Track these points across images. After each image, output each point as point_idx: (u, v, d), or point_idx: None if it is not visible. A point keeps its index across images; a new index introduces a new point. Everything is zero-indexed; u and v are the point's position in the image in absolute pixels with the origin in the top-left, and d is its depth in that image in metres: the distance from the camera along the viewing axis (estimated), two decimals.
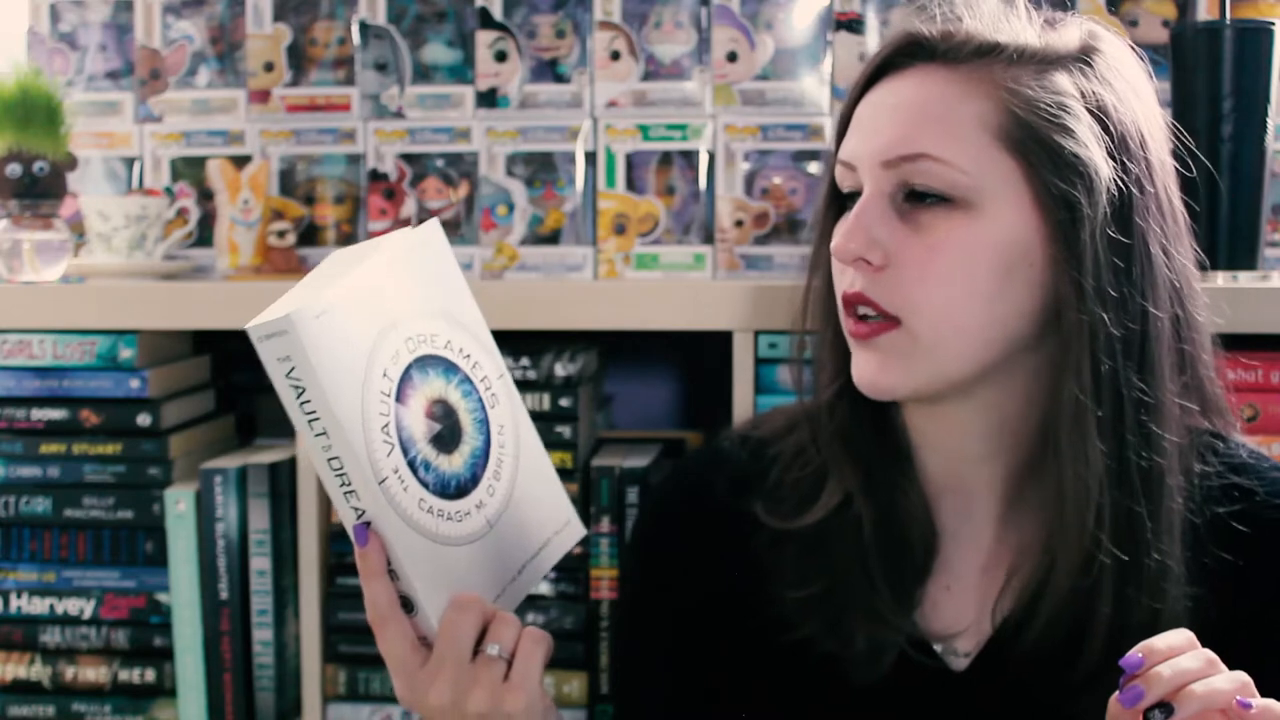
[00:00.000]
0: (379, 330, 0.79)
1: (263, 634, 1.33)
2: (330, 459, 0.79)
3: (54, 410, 1.35)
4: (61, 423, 1.35)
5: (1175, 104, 1.33)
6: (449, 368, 0.83)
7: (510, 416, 0.86)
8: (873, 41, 1.55)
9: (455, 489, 0.83)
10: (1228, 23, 1.30)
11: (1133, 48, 0.93)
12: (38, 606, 1.36)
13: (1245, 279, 1.30)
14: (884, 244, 0.85)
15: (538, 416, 1.33)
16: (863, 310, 0.86)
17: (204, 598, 1.32)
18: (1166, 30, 1.46)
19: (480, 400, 0.84)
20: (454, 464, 0.83)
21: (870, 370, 0.87)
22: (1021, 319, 0.86)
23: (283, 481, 1.35)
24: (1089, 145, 0.84)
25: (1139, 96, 0.89)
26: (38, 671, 1.36)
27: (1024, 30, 0.88)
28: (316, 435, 0.78)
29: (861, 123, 0.89)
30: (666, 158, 1.58)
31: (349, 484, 0.80)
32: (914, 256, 0.84)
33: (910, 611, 0.90)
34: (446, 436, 0.82)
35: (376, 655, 1.36)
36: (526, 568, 0.87)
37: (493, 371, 0.85)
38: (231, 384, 1.54)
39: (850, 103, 0.91)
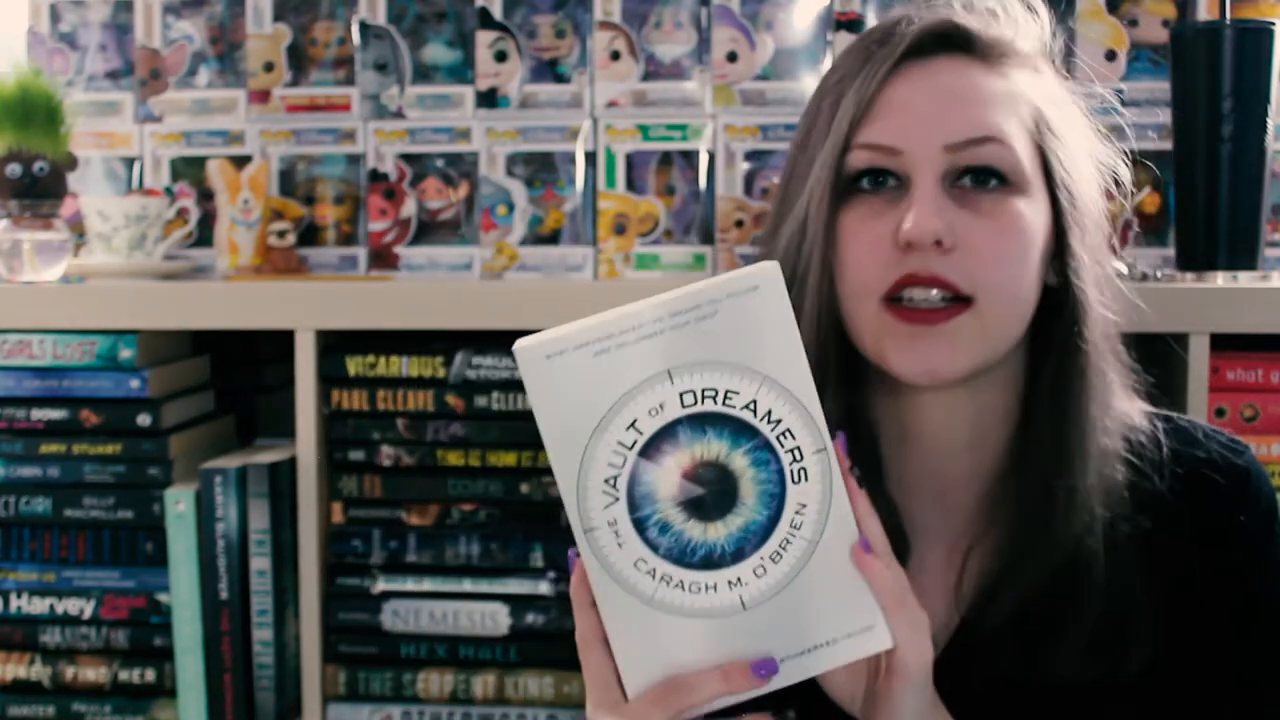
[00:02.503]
0: (643, 379, 0.73)
1: (263, 634, 1.33)
2: (555, 476, 0.75)
3: (54, 410, 1.35)
4: (61, 423, 1.35)
5: (1175, 104, 1.33)
6: (741, 431, 0.75)
7: (820, 498, 0.76)
8: None
9: (702, 559, 0.76)
10: (1228, 23, 1.30)
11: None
12: (38, 606, 1.36)
13: (1245, 279, 1.30)
14: (953, 226, 0.85)
15: None
16: (922, 296, 0.85)
17: (204, 598, 1.32)
18: (1166, 30, 1.46)
19: (779, 472, 0.76)
20: (712, 533, 0.76)
21: (939, 355, 0.86)
22: (1035, 297, 0.90)
23: (283, 481, 1.35)
24: (1085, 132, 0.91)
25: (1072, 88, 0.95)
26: (38, 671, 1.36)
27: (1035, 33, 0.92)
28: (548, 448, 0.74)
29: (905, 106, 0.88)
30: (666, 158, 1.58)
31: (566, 508, 0.75)
32: (983, 239, 0.86)
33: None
34: (709, 503, 0.75)
35: (376, 655, 1.38)
36: (787, 662, 0.78)
37: (809, 445, 0.75)
38: (231, 384, 1.54)
39: (877, 85, 0.89)
